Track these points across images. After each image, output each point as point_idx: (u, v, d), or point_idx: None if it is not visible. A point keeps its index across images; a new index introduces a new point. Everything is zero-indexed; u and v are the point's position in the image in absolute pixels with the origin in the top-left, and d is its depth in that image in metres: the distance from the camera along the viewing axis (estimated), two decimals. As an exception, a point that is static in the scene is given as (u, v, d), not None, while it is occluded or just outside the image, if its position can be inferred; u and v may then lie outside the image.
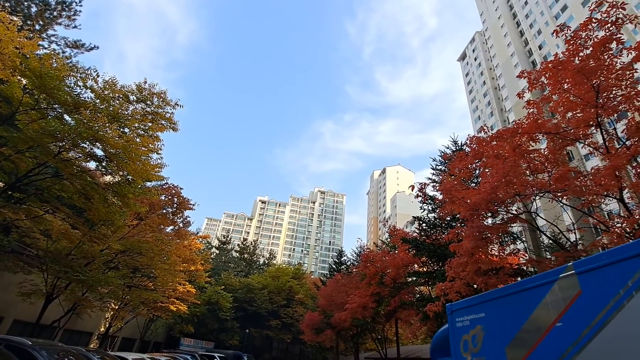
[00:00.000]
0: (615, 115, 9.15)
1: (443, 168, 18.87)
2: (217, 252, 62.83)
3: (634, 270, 3.69)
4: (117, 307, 23.67)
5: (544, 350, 4.60)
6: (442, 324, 9.46)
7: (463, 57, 78.46)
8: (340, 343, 36.25)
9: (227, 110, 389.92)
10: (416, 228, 19.15)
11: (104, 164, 13.47)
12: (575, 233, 12.37)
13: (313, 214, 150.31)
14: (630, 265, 3.77)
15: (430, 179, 19.01)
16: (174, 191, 22.53)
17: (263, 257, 75.82)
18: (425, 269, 18.18)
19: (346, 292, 25.36)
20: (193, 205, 23.45)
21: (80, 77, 12.33)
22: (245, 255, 66.13)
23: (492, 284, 9.28)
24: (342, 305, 23.42)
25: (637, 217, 8.89)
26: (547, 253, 20.47)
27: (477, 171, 13.28)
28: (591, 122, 8.95)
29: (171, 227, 23.96)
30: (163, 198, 21.29)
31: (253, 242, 72.91)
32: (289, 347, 52.05)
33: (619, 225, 9.08)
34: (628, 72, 8.66)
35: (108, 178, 17.23)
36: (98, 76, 12.54)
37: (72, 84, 12.11)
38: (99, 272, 16.34)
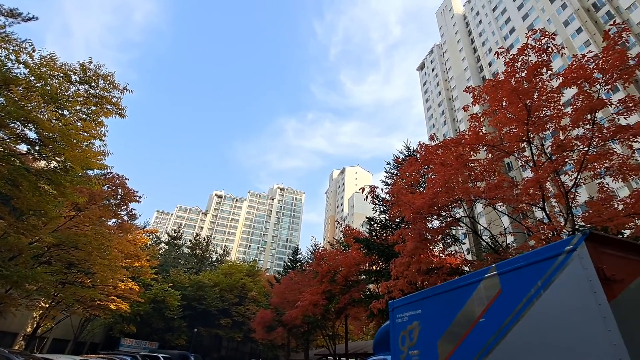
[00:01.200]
0: (544, 132, 10.28)
1: (395, 172, 19.76)
2: (167, 247, 59.70)
3: (543, 271, 4.23)
4: (47, 305, 21.55)
5: (469, 343, 5.07)
6: (387, 320, 9.96)
7: (422, 67, 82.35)
8: (292, 340, 36.42)
9: (185, 99, 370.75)
10: (368, 228, 19.86)
11: (37, 148, 12.20)
12: (506, 237, 13.66)
13: (271, 210, 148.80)
14: (540, 267, 4.31)
15: (383, 181, 19.85)
16: (118, 181, 20.99)
17: (216, 253, 73.46)
18: (374, 268, 18.93)
19: (299, 289, 25.54)
20: (140, 197, 22.06)
21: (12, 49, 11.08)
22: (197, 252, 63.58)
23: (432, 282, 9.96)
24: (295, 303, 23.56)
25: (556, 224, 10.07)
26: (484, 254, 22.32)
27: (425, 176, 14.11)
28: (523, 138, 9.96)
29: (114, 220, 22.30)
30: (106, 188, 19.75)
31: (206, 238, 70.33)
32: (239, 345, 51.11)
33: (542, 231, 10.20)
34: (556, 95, 9.76)
35: (43, 164, 15.65)
36: (34, 51, 11.37)
37: (3, 57, 10.85)
38: (26, 266, 14.78)
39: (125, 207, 22.11)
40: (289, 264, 40.48)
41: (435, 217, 11.29)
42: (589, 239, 3.72)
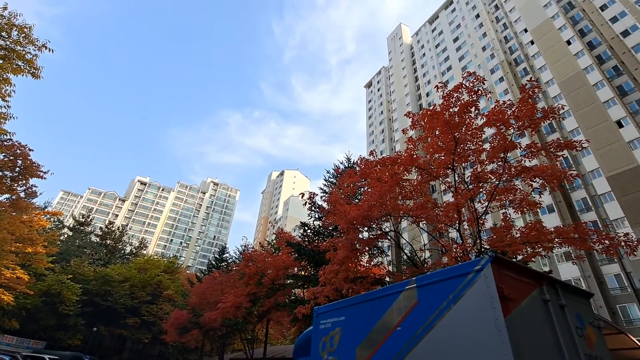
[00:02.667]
0: (466, 163, 11.64)
1: (334, 181, 20.38)
2: (71, 233, 52.34)
3: (454, 287, 4.73)
4: None
5: (385, 349, 5.42)
6: (310, 326, 10.09)
7: (369, 85, 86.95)
8: (207, 344, 34.61)
9: (118, 72, 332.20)
10: (301, 233, 20.04)
11: None
12: (425, 252, 15.02)
13: (201, 205, 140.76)
14: (452, 283, 4.81)
15: (321, 189, 20.27)
16: (19, 151, 17.86)
17: (131, 245, 66.56)
18: (303, 273, 19.12)
19: (222, 290, 24.51)
20: (45, 172, 19.06)
21: None
22: (108, 241, 56.84)
23: (356, 290, 10.43)
24: (216, 304, 22.51)
25: (467, 245, 11.38)
26: (405, 267, 24.16)
27: (362, 189, 14.82)
28: (449, 165, 11.12)
29: (7, 196, 18.86)
30: (1, 157, 16.68)
31: (121, 227, 63.31)
32: (146, 348, 46.75)
33: (455, 250, 11.43)
34: (479, 132, 11.15)
35: None
36: None
37: None
38: None
39: (24, 182, 18.87)
40: (214, 262, 38.64)
41: (366, 228, 11.92)
42: (493, 261, 4.26)
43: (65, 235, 50.37)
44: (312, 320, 10.29)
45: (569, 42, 39.83)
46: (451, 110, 10.76)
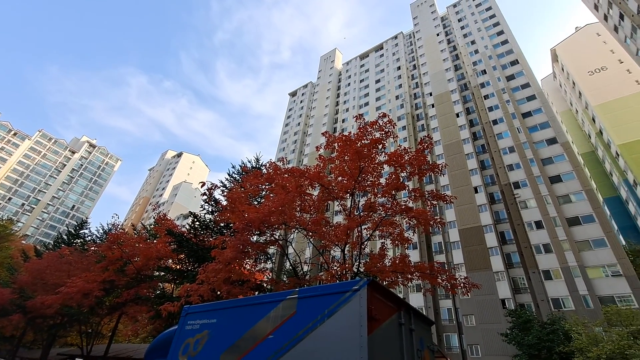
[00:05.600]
0: (363, 191, 12.83)
1: (238, 178, 19.67)
2: None
3: (332, 302, 5.05)
4: None
5: (251, 357, 5.35)
6: (171, 325, 9.24)
7: (294, 94, 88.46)
8: (29, 333, 27.99)
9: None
10: (188, 224, 18.52)
11: None
12: (308, 265, 15.70)
13: (66, 165, 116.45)
14: (331, 298, 5.13)
15: (222, 183, 19.29)
16: None
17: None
18: (179, 267, 17.56)
19: (69, 272, 20.47)
20: None
21: None
22: None
23: (235, 293, 10.11)
24: (57, 287, 18.56)
25: (347, 265, 12.38)
26: (285, 277, 24.63)
27: (264, 193, 14.72)
28: (349, 190, 12.07)
29: None
30: None
31: None
32: None
33: (336, 268, 12.29)
34: (380, 168, 12.48)
35: None
36: None
37: None
38: None
39: None
40: (66, 237, 32.13)
41: (260, 233, 11.81)
42: (370, 284, 4.74)
43: None
44: (176, 319, 9.48)
45: (457, 115, 48.69)
46: (363, 141, 11.79)
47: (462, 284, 10.87)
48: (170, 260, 18.78)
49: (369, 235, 12.06)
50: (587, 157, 61.46)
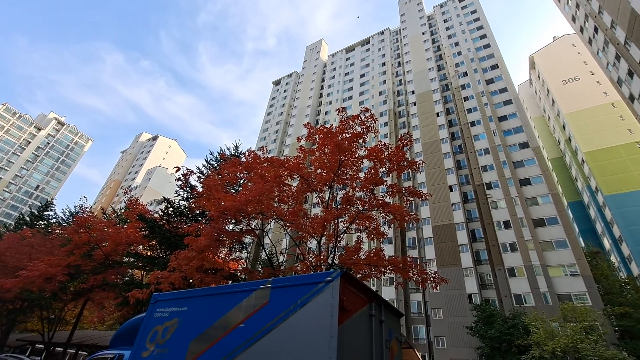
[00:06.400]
0: (342, 184, 12.89)
1: (216, 165, 19.24)
2: None
3: (305, 292, 5.07)
4: None
5: (221, 345, 5.31)
6: (140, 313, 9.00)
7: (277, 82, 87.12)
8: (-17, 318, 26.50)
9: None
10: (161, 210, 17.97)
11: None
12: (284, 256, 15.70)
13: (31, 142, 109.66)
14: (304, 289, 5.15)
15: (199, 169, 18.80)
16: None
17: None
18: (150, 254, 17.06)
19: (31, 254, 19.44)
20: None
21: None
22: None
23: (207, 282, 9.95)
24: (17, 271, 17.59)
25: (322, 256, 12.47)
26: (260, 267, 24.54)
27: (242, 181, 14.49)
28: (328, 183, 12.10)
29: None
30: None
31: None
32: None
33: (311, 259, 12.36)
34: (359, 162, 12.56)
35: None
36: None
37: None
38: None
39: None
40: (28, 219, 30.45)
41: (236, 222, 11.64)
42: (343, 275, 4.79)
43: None
44: (145, 307, 9.24)
45: (438, 115, 49.71)
46: (344, 135, 11.80)
47: (431, 279, 11.23)
48: (140, 247, 18.20)
49: (345, 228, 12.18)
50: (555, 163, 64.70)
